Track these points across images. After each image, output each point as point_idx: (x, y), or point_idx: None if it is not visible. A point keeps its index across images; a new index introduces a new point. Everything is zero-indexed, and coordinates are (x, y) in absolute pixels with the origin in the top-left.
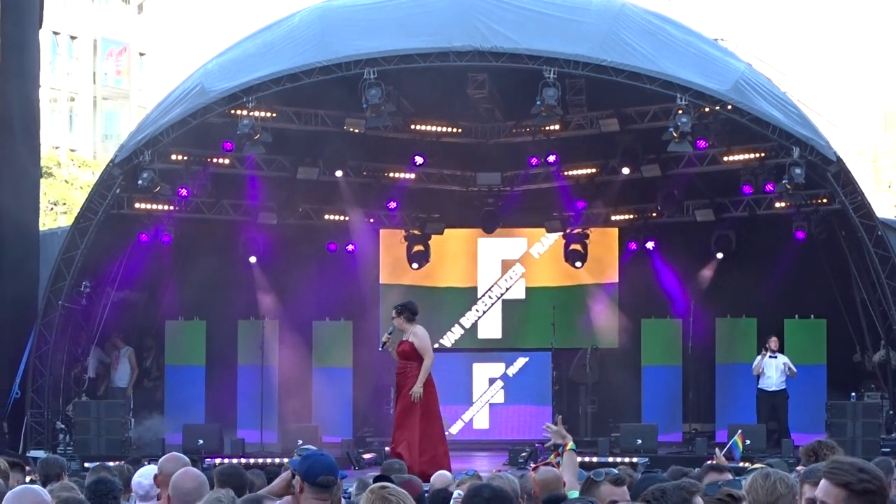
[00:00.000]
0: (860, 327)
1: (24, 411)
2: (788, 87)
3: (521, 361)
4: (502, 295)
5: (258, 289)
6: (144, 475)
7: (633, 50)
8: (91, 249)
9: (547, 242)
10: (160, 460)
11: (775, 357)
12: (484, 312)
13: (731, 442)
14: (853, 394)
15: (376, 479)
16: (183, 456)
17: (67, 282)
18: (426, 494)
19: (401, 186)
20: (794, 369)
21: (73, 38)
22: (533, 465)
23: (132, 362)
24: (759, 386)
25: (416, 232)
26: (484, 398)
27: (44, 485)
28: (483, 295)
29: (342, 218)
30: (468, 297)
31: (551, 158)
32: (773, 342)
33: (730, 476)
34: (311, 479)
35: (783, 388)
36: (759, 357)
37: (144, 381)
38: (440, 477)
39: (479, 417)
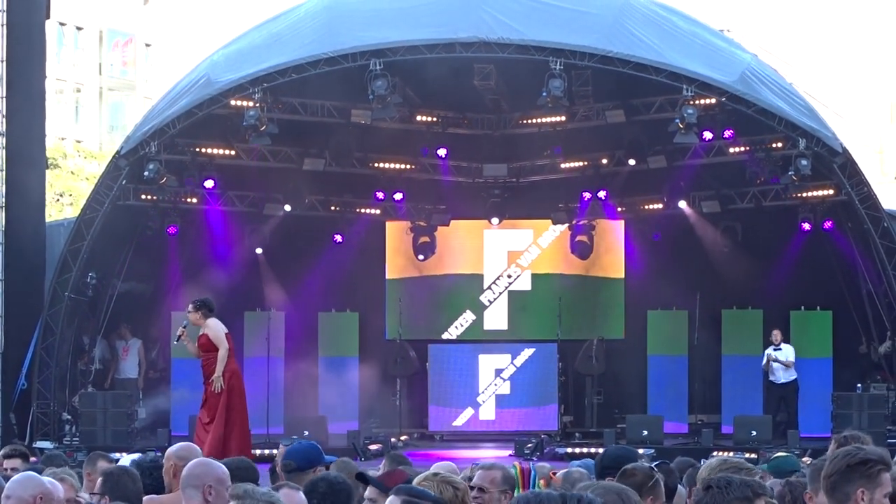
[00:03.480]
0: (866, 319)
1: (31, 402)
2: (795, 78)
3: (527, 353)
4: (508, 286)
5: (264, 280)
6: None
7: (639, 41)
8: (97, 241)
9: (553, 234)
10: (170, 450)
11: (780, 349)
12: (490, 304)
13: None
14: (859, 385)
15: (358, 477)
16: (196, 447)
17: (73, 273)
18: None
19: (406, 178)
20: (790, 361)
21: (79, 28)
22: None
23: (141, 355)
24: (769, 378)
25: (421, 223)
26: (490, 390)
27: None
28: (489, 286)
29: (348, 209)
30: (474, 288)
31: (558, 150)
32: (776, 335)
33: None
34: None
35: (793, 378)
36: (765, 354)
37: (150, 372)
38: (445, 467)
39: (484, 409)
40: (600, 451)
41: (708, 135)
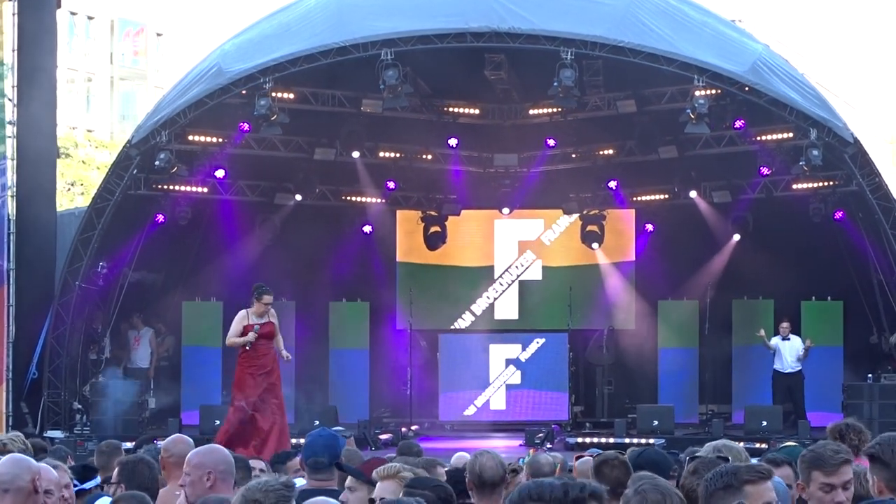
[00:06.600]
0: (877, 309)
1: (42, 392)
2: (806, 69)
3: (538, 342)
4: (519, 276)
5: (275, 270)
6: None
7: (650, 31)
8: (108, 230)
9: (563, 223)
10: (166, 441)
11: (788, 339)
12: (501, 293)
13: None
14: (870, 375)
15: (337, 466)
16: (188, 438)
17: (84, 262)
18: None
19: (417, 168)
20: (804, 353)
21: (90, 18)
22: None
23: (152, 344)
24: (774, 367)
25: (432, 213)
26: (500, 379)
27: None
28: (500, 276)
29: (359, 199)
30: (485, 277)
31: (554, 143)
32: (784, 326)
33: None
34: (305, 459)
35: (798, 369)
36: (775, 337)
37: (161, 361)
38: (459, 458)
39: (495, 398)
40: (611, 440)
41: (719, 125)
